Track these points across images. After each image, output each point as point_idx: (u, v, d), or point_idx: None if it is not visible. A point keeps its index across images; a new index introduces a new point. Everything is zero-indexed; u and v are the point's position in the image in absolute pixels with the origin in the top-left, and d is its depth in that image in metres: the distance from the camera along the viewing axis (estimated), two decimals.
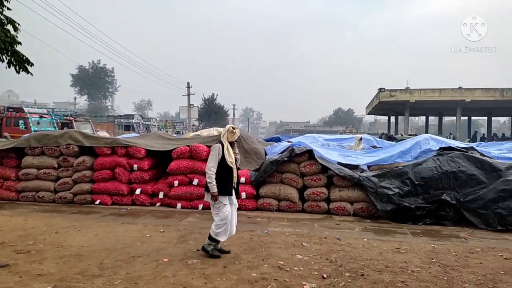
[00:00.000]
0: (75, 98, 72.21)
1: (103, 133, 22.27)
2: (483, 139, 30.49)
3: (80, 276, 4.04)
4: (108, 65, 70.04)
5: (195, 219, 7.02)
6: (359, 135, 11.24)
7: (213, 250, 4.72)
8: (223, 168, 4.68)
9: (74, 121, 25.04)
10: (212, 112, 56.61)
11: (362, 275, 4.13)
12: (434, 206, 6.89)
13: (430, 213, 6.89)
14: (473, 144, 10.63)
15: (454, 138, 27.43)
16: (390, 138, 20.37)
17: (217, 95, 59.17)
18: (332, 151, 9.35)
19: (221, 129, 16.02)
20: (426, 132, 36.66)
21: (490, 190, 6.76)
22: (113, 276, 4.05)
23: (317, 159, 7.87)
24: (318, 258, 4.72)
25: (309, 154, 7.97)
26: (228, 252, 4.85)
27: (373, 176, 7.52)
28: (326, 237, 5.75)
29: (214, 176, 4.64)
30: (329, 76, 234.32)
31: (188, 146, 8.32)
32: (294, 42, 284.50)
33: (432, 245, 5.38)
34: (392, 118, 42.81)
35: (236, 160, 4.84)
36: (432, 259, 4.74)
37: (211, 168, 4.66)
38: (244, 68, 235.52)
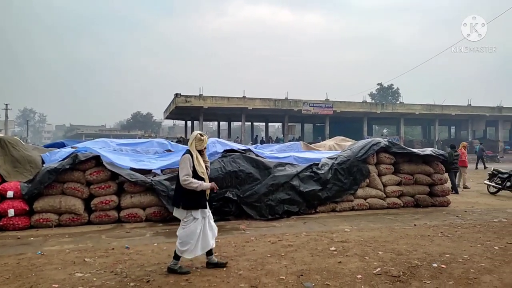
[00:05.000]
0: None
1: None
2: (262, 142, 35.77)
3: None
4: None
5: None
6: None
7: (181, 268, 4.36)
8: None
9: None
10: None
11: (148, 281, 4.06)
12: (220, 204, 7.54)
13: (217, 210, 7.46)
14: (251, 146, 12.23)
15: (240, 141, 31.15)
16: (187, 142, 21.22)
17: None
18: (124, 156, 8.92)
19: None
20: (218, 136, 40.30)
21: (263, 186, 7.93)
22: None
23: (106, 165, 7.35)
24: (101, 272, 4.36)
25: (97, 160, 7.37)
26: (225, 264, 4.57)
27: (165, 179, 7.61)
28: (113, 248, 5.40)
29: (193, 179, 4.28)
30: (128, 79, 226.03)
31: None
32: (87, 41, 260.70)
33: (216, 240, 5.83)
34: (189, 123, 44.90)
35: (206, 168, 4.57)
36: (215, 253, 5.12)
37: (185, 177, 4.28)
38: (19, 62, 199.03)
